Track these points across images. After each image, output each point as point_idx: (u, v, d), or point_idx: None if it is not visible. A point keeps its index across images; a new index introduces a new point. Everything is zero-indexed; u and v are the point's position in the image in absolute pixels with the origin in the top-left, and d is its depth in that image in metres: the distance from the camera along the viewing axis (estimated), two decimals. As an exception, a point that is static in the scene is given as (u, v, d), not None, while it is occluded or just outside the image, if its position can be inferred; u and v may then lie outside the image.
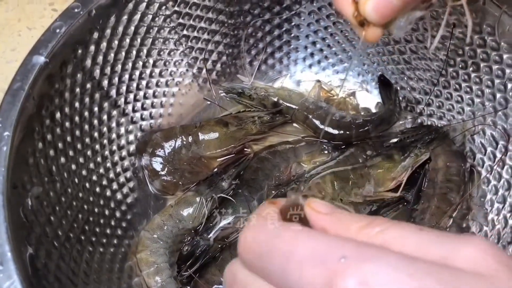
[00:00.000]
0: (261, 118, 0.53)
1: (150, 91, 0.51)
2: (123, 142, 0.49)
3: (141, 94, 0.50)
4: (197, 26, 0.50)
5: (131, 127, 0.50)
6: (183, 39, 0.51)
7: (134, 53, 0.48)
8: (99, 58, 0.44)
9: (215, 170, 0.51)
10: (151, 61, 0.49)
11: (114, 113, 0.48)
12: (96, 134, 0.46)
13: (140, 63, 0.49)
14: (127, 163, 0.50)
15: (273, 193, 0.49)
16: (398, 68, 0.53)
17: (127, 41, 0.46)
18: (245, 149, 0.53)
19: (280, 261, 0.19)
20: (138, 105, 0.50)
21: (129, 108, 0.50)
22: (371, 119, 0.53)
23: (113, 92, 0.47)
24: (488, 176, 0.46)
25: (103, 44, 0.44)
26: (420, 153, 0.49)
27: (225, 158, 0.52)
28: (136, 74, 0.49)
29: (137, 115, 0.51)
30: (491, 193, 0.46)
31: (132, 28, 0.46)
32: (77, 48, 0.42)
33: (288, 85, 0.57)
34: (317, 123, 0.53)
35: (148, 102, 0.51)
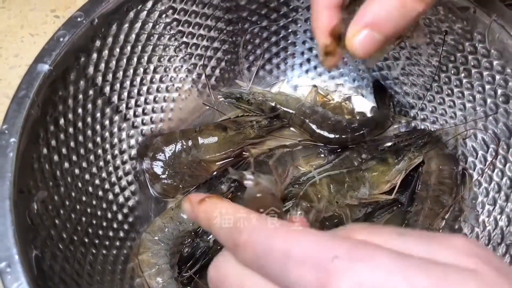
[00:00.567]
0: (259, 122, 0.55)
1: (150, 97, 0.52)
2: (124, 146, 0.51)
3: (142, 99, 0.51)
4: (196, 33, 0.52)
5: (132, 132, 0.51)
6: (183, 46, 0.52)
7: (135, 59, 0.49)
8: (101, 65, 0.46)
9: (214, 173, 0.52)
10: (151, 68, 0.51)
11: (116, 118, 0.49)
12: (98, 139, 0.47)
13: (141, 70, 0.50)
14: (128, 167, 0.51)
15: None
16: (392, 73, 0.54)
17: (128, 48, 0.47)
18: (244, 153, 0.54)
19: (278, 261, 0.20)
20: (139, 111, 0.51)
21: (131, 113, 0.51)
22: (366, 123, 0.54)
23: (115, 98, 0.48)
24: (479, 179, 0.48)
25: (105, 51, 0.45)
26: (413, 156, 0.51)
27: (224, 161, 0.53)
28: (137, 80, 0.50)
29: (138, 120, 0.52)
30: (482, 195, 0.47)
31: (133, 35, 0.47)
32: (80, 56, 0.43)
33: (285, 90, 0.59)
34: (314, 127, 0.54)
35: (148, 107, 0.52)
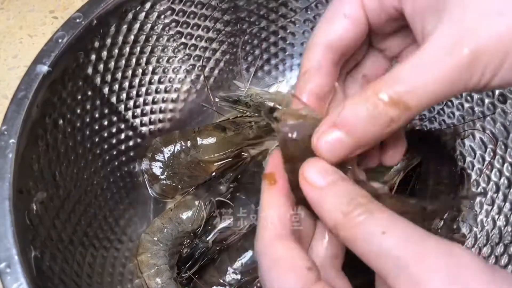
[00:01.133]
0: (258, 123, 0.55)
1: (149, 98, 0.52)
2: (123, 147, 0.51)
3: (140, 100, 0.51)
4: (195, 34, 0.52)
5: (131, 133, 0.51)
6: (182, 47, 0.52)
7: (133, 60, 0.49)
8: (100, 66, 0.46)
9: (213, 174, 0.52)
10: (150, 68, 0.51)
11: (114, 119, 0.49)
12: (97, 139, 0.47)
13: (139, 70, 0.50)
14: (127, 168, 0.51)
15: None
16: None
17: (127, 49, 0.47)
18: (243, 154, 0.54)
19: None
20: (138, 111, 0.51)
21: (129, 114, 0.51)
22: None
23: (113, 99, 0.48)
24: (477, 179, 0.48)
25: (104, 52, 0.45)
26: (411, 156, 0.51)
27: (223, 162, 0.53)
28: (136, 81, 0.50)
29: (137, 121, 0.52)
30: (481, 195, 0.47)
31: (131, 36, 0.47)
32: (79, 57, 0.43)
33: (283, 90, 0.59)
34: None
35: (147, 108, 0.52)
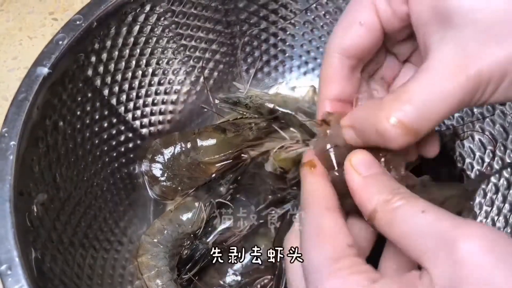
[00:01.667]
0: (258, 124, 0.55)
1: (149, 99, 0.52)
2: (123, 148, 0.51)
3: (140, 102, 0.51)
4: (194, 35, 0.52)
5: (130, 135, 0.51)
6: (181, 48, 0.52)
7: (133, 62, 0.49)
8: (100, 68, 0.46)
9: (213, 175, 0.52)
10: (150, 70, 0.51)
11: (114, 120, 0.49)
12: (97, 141, 0.47)
13: (139, 72, 0.50)
14: (127, 169, 0.51)
15: (270, 197, 0.50)
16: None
17: (127, 51, 0.48)
18: (242, 155, 0.54)
19: None
20: (138, 113, 0.52)
21: (129, 116, 0.51)
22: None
23: (113, 100, 0.49)
24: (477, 179, 0.48)
25: (104, 54, 0.45)
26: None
27: (223, 163, 0.53)
28: (135, 82, 0.50)
29: (137, 123, 0.52)
30: (480, 196, 0.47)
31: (131, 38, 0.47)
32: (79, 58, 0.43)
33: (283, 92, 0.59)
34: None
35: (147, 109, 0.52)
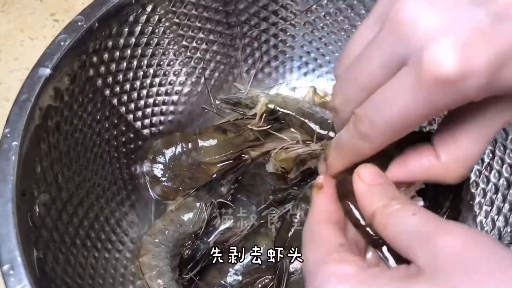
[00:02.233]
0: (258, 125, 0.55)
1: (150, 100, 0.52)
2: (124, 149, 0.51)
3: (142, 103, 0.52)
4: (195, 36, 0.52)
5: (132, 135, 0.52)
6: (182, 49, 0.52)
7: (135, 63, 0.49)
8: (102, 68, 0.46)
9: (214, 176, 0.52)
10: (151, 71, 0.51)
11: (116, 121, 0.49)
12: (98, 141, 0.47)
13: (141, 73, 0.50)
14: (128, 170, 0.51)
15: (270, 198, 0.50)
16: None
17: (128, 52, 0.48)
18: (243, 155, 0.54)
19: None
20: (139, 114, 0.52)
21: (131, 116, 0.51)
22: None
23: (115, 101, 0.49)
24: (476, 180, 0.48)
25: (105, 55, 0.46)
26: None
27: (223, 164, 0.53)
28: (137, 83, 0.50)
29: (138, 123, 0.52)
30: (480, 196, 0.47)
31: (133, 39, 0.47)
32: (81, 59, 0.43)
33: (284, 92, 0.59)
34: (314, 127, 0.55)
35: (148, 110, 0.53)
